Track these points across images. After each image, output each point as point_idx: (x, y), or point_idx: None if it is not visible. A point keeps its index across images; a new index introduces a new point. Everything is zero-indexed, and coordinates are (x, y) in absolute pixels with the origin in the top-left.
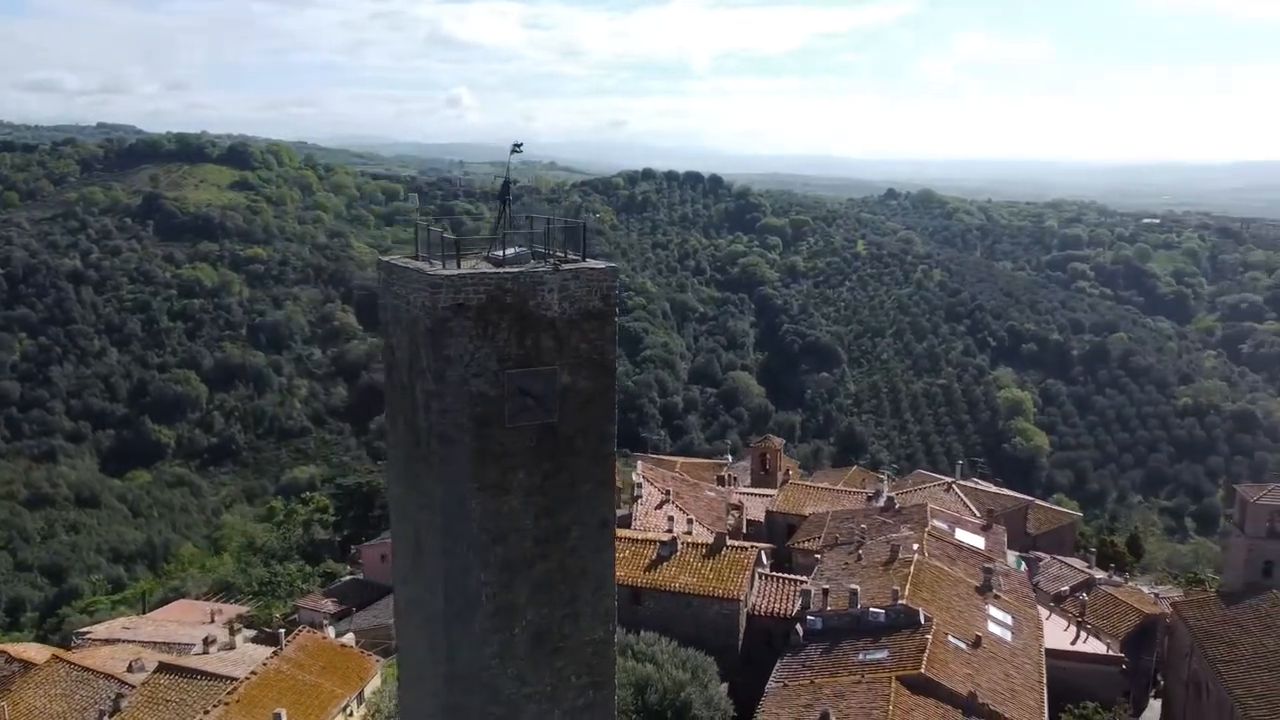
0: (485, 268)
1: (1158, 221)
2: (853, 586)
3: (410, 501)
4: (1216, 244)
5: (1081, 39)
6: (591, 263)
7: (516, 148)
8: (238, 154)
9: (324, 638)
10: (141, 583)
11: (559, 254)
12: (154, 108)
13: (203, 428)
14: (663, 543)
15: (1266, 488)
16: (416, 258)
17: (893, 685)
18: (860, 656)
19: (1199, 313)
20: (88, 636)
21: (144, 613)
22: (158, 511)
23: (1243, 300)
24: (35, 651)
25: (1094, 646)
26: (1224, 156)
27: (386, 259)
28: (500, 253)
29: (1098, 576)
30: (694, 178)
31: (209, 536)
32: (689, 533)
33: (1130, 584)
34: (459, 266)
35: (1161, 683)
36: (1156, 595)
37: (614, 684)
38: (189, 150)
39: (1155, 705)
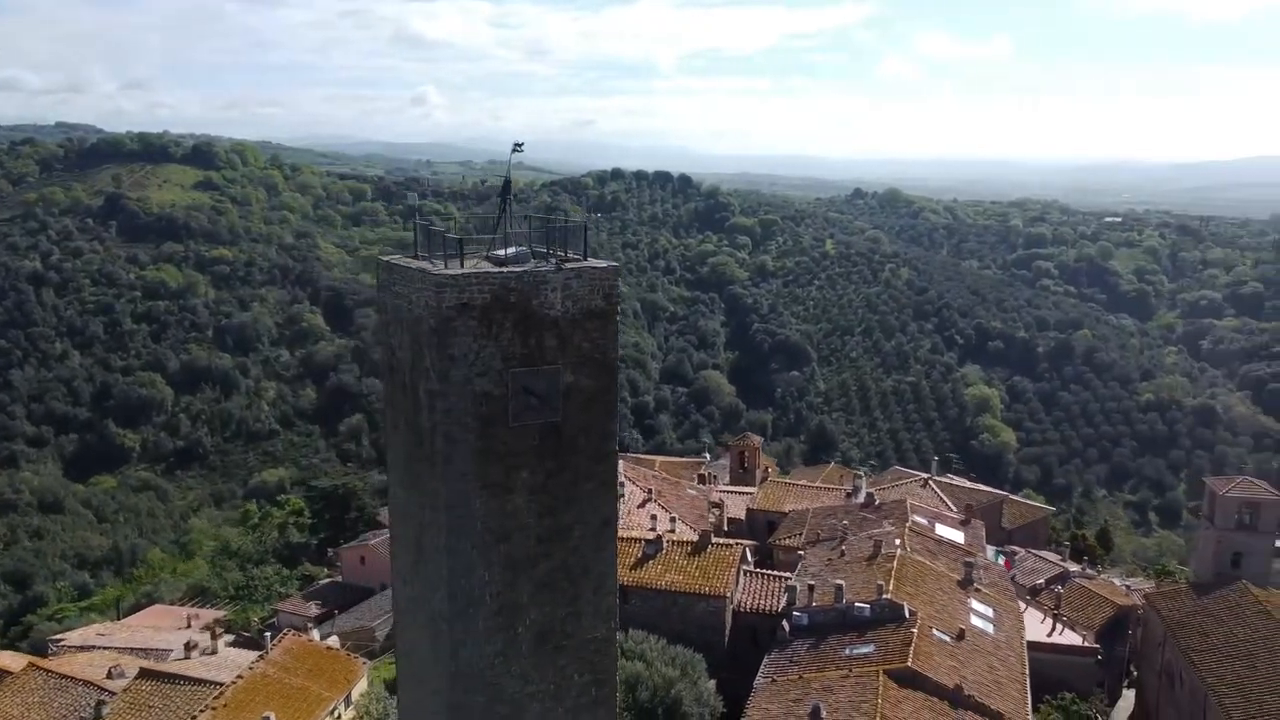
0: (486, 267)
1: (1119, 220)
2: (838, 582)
3: (412, 501)
4: (1176, 242)
5: (1043, 40)
6: (594, 262)
7: (518, 147)
8: (202, 154)
9: (309, 640)
10: (109, 589)
11: (560, 253)
12: (115, 107)
13: (168, 431)
14: (648, 541)
15: (1235, 480)
16: (416, 257)
17: (880, 679)
18: (847, 651)
19: (1160, 310)
20: (62, 644)
21: (118, 619)
22: (123, 517)
23: (1202, 297)
24: (10, 659)
25: (1070, 638)
26: (1185, 156)
27: (387, 259)
28: (501, 252)
29: (1072, 569)
30: (663, 177)
31: (176, 541)
32: (672, 531)
33: (1102, 576)
34: (462, 266)
35: (1134, 673)
36: (1128, 587)
37: (615, 682)
38: (151, 150)
39: (1129, 695)
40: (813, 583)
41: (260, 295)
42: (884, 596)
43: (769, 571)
